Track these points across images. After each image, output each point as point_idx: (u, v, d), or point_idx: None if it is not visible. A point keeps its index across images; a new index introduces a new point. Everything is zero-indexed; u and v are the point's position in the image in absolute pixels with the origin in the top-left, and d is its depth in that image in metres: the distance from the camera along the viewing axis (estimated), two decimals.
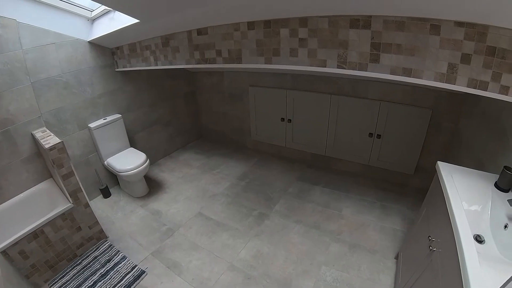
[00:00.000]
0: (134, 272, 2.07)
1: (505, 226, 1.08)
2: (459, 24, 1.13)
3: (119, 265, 2.14)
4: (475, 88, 1.17)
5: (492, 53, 1.09)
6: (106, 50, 2.84)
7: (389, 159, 2.83)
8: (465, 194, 1.22)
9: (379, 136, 2.76)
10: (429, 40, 1.22)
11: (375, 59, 1.40)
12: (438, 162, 1.47)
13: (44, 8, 2.31)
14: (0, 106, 2.14)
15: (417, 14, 1.20)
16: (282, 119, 3.32)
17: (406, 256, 1.77)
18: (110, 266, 2.14)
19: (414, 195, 2.70)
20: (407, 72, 1.33)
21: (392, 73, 1.37)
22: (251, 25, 1.73)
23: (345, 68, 1.51)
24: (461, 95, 2.27)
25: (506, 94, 1.10)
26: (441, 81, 1.25)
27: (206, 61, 2.07)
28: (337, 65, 1.52)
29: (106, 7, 2.34)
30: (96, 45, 2.75)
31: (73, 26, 2.53)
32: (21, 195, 2.30)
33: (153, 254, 2.26)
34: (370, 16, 1.32)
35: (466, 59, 1.16)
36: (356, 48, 1.43)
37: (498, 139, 1.63)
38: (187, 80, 3.93)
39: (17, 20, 2.15)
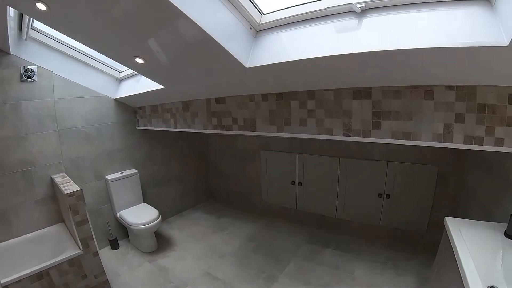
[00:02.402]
0: None
1: None
2: (450, 87, 1.27)
3: None
4: (471, 144, 1.26)
5: (483, 110, 1.21)
6: (129, 108, 3.10)
7: (400, 218, 2.80)
8: (474, 247, 1.22)
9: (388, 196, 2.79)
10: (424, 104, 1.35)
11: (377, 125, 1.52)
12: (446, 217, 1.48)
13: (78, 64, 2.62)
14: (25, 147, 2.31)
15: (411, 83, 1.35)
16: (293, 182, 3.39)
17: None
18: None
19: (427, 252, 2.60)
20: (407, 136, 1.44)
21: (393, 137, 1.48)
22: (264, 96, 1.92)
23: (350, 136, 1.62)
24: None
25: (502, 146, 1.18)
26: (439, 141, 1.34)
27: (222, 127, 2.23)
28: (343, 133, 1.64)
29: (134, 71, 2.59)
30: (121, 103, 3.01)
31: (102, 83, 2.82)
32: (30, 234, 2.33)
33: None
34: (371, 88, 1.49)
35: (460, 118, 1.27)
36: (359, 117, 1.56)
37: (504, 186, 1.64)
38: (200, 141, 4.12)
39: (53, 72, 2.42)
